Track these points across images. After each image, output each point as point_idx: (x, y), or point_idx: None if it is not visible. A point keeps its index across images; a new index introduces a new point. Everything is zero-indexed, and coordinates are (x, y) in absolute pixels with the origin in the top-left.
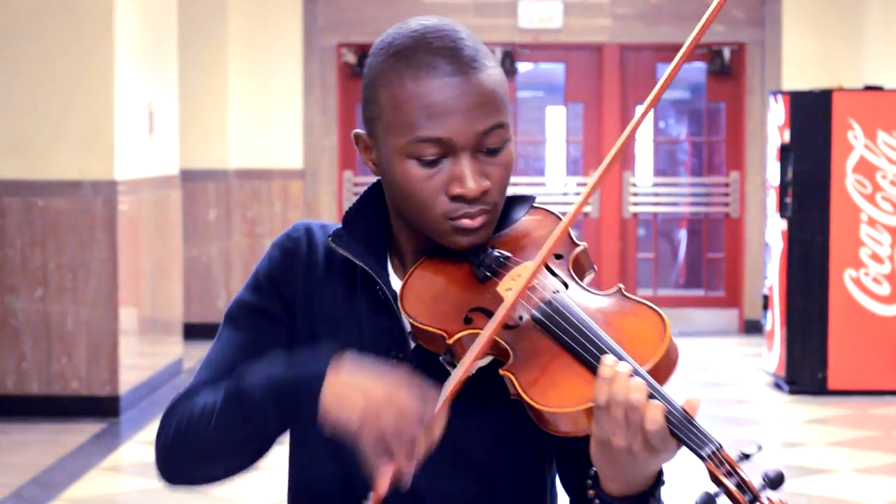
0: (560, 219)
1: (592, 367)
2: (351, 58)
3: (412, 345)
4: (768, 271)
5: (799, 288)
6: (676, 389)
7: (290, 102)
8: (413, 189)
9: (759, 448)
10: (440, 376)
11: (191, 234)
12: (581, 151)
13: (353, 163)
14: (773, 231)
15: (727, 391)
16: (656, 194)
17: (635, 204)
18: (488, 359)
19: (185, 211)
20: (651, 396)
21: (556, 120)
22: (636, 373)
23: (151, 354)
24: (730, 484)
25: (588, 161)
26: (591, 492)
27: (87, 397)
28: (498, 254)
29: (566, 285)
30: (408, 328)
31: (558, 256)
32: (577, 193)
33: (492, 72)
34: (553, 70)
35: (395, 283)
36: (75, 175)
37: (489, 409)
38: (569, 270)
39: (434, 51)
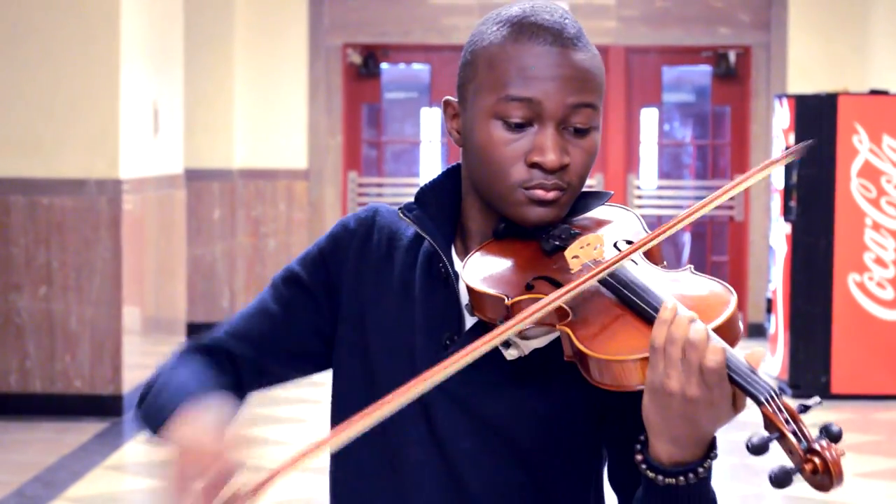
0: (635, 215)
1: (652, 322)
2: (356, 58)
3: (467, 325)
4: (772, 275)
5: (803, 292)
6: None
7: (294, 102)
8: (493, 152)
9: (819, 402)
10: (493, 362)
11: (195, 234)
12: None
13: (358, 163)
14: (777, 234)
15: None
16: (660, 197)
17: (639, 207)
18: (545, 340)
19: (189, 210)
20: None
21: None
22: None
23: (155, 354)
24: (786, 430)
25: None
26: (638, 456)
27: (90, 396)
28: (567, 226)
29: (636, 263)
30: (465, 300)
31: (629, 242)
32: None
33: (592, 56)
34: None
35: (458, 264)
36: (80, 174)
37: (541, 399)
38: (639, 254)
39: (540, 21)
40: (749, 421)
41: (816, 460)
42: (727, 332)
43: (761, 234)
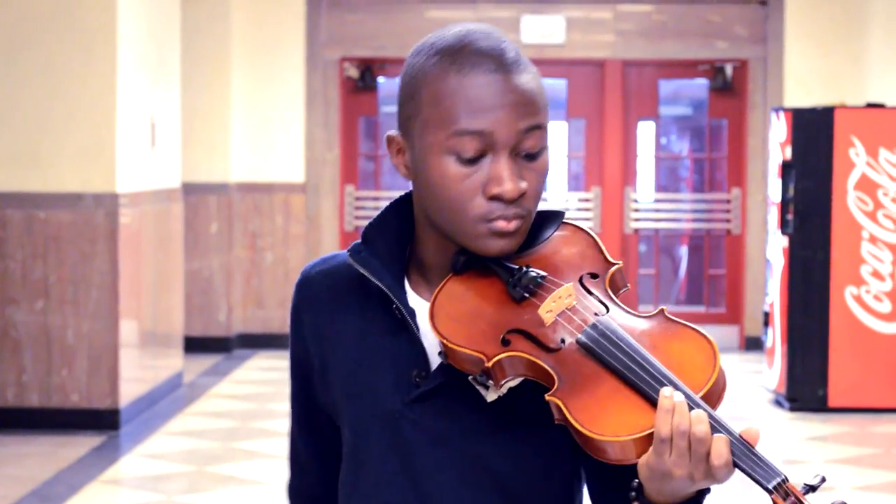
0: (591, 235)
1: (645, 395)
2: (353, 72)
3: (434, 364)
4: (769, 288)
5: (800, 305)
6: None
7: (292, 116)
8: (449, 188)
9: (823, 479)
10: (467, 393)
11: (192, 248)
12: (583, 167)
13: (355, 177)
14: (774, 248)
15: (728, 408)
16: (657, 210)
17: (636, 220)
18: (519, 379)
19: (186, 224)
20: (713, 428)
21: (558, 135)
22: (693, 402)
23: (152, 367)
24: None
25: (590, 177)
26: (634, 502)
27: (87, 410)
28: (535, 273)
29: (606, 307)
30: (429, 340)
31: (594, 276)
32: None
33: (533, 76)
34: (555, 85)
35: (414, 300)
36: (77, 187)
37: (520, 431)
38: (606, 290)
39: (479, 49)
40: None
41: None
42: (715, 392)
43: (758, 247)
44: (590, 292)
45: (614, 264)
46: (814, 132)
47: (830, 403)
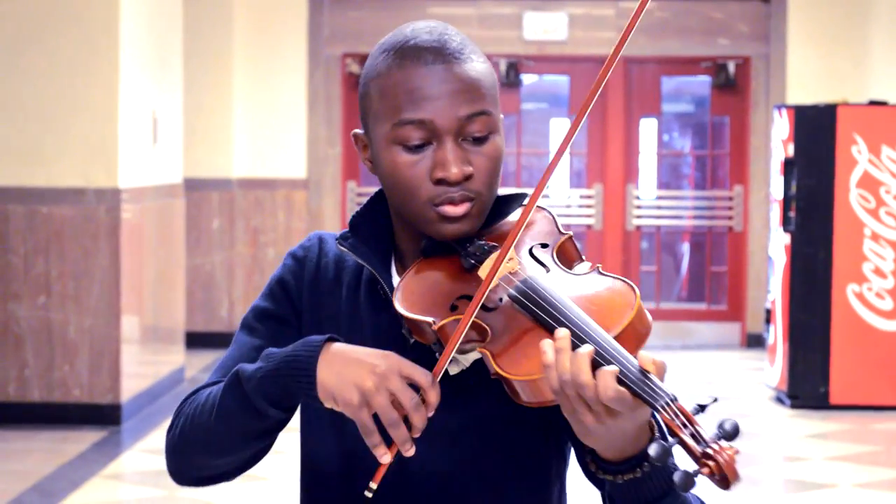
0: (548, 213)
1: None
2: (356, 68)
3: (411, 341)
4: (771, 285)
5: (801, 302)
6: (681, 400)
7: (294, 112)
8: (399, 176)
9: (715, 399)
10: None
11: (194, 243)
12: (585, 164)
13: (357, 173)
14: (776, 245)
15: (729, 405)
16: (659, 207)
17: (639, 217)
18: (479, 353)
19: (188, 220)
20: (603, 361)
21: (560, 132)
22: (581, 340)
23: (153, 363)
24: (684, 434)
25: (592, 173)
26: (591, 466)
27: (88, 405)
28: (482, 242)
29: (548, 269)
30: (404, 324)
31: (544, 245)
32: (583, 206)
33: (477, 65)
34: (557, 82)
35: (397, 282)
36: (79, 183)
37: (488, 406)
38: (553, 258)
39: (421, 43)
40: (745, 431)
41: (711, 463)
42: (632, 333)
43: (760, 244)
44: (536, 260)
45: (563, 235)
46: (816, 129)
47: (832, 401)
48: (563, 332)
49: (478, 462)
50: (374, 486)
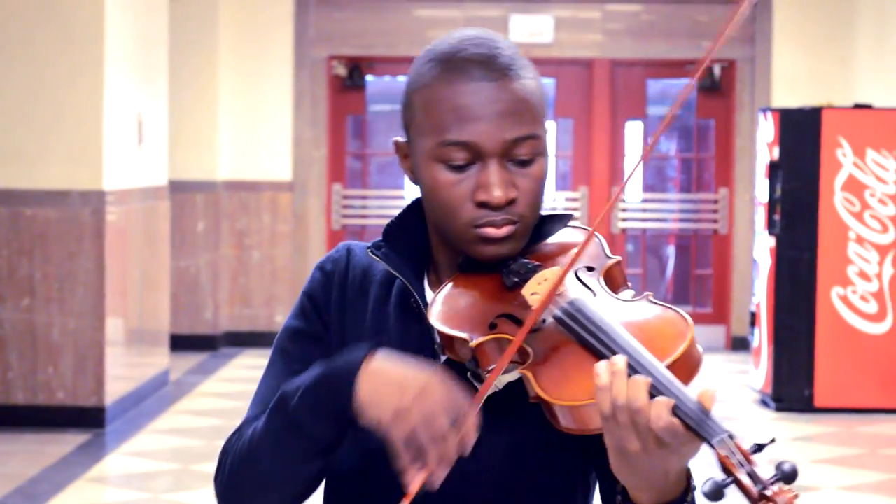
0: (594, 235)
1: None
2: (341, 70)
3: (442, 358)
4: (756, 288)
5: (786, 305)
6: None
7: (279, 114)
8: (440, 194)
9: (773, 440)
10: (467, 389)
11: (179, 245)
12: (570, 167)
13: (342, 175)
14: (761, 248)
15: (714, 408)
16: (645, 210)
17: (624, 220)
18: (517, 374)
19: (173, 222)
20: (658, 392)
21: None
22: (636, 369)
23: (138, 365)
24: (740, 473)
25: (577, 176)
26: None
27: (72, 408)
28: (526, 260)
29: (594, 293)
30: (437, 339)
31: (590, 269)
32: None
33: (527, 82)
34: (544, 84)
35: (430, 296)
36: (64, 185)
37: (515, 431)
38: (599, 282)
39: (470, 56)
40: None
41: (778, 500)
42: (683, 365)
43: (745, 247)
44: (582, 282)
45: (611, 259)
46: (801, 132)
47: (816, 403)
48: (620, 358)
49: (503, 487)
50: None
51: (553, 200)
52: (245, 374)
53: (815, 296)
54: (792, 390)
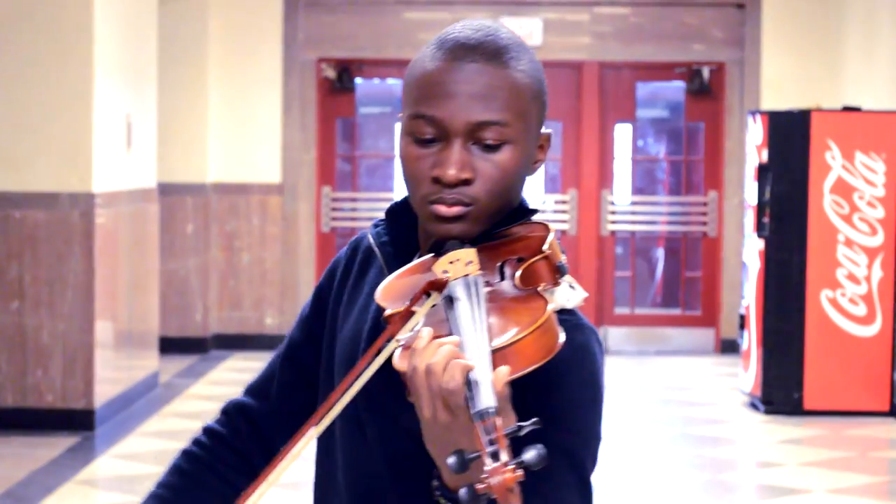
0: (547, 229)
1: None
2: (331, 73)
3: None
4: (745, 291)
5: (775, 308)
6: (652, 408)
7: (269, 117)
8: (407, 167)
9: (537, 423)
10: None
11: (168, 248)
12: (559, 169)
13: (332, 178)
14: (750, 251)
15: (703, 410)
16: (634, 213)
17: (613, 222)
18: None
19: (162, 224)
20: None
21: None
22: (466, 348)
23: (127, 368)
24: (485, 449)
25: (566, 179)
26: (434, 483)
27: (61, 410)
28: (458, 241)
29: (501, 279)
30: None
31: (521, 259)
32: (558, 211)
33: (514, 73)
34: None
35: None
36: (53, 187)
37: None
38: (517, 272)
39: (462, 38)
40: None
41: (490, 481)
42: (526, 349)
43: (734, 250)
44: (502, 270)
45: (542, 253)
46: (790, 135)
47: (806, 406)
48: (427, 329)
49: (399, 467)
50: None
51: (542, 203)
52: (235, 376)
53: (805, 298)
54: (781, 393)
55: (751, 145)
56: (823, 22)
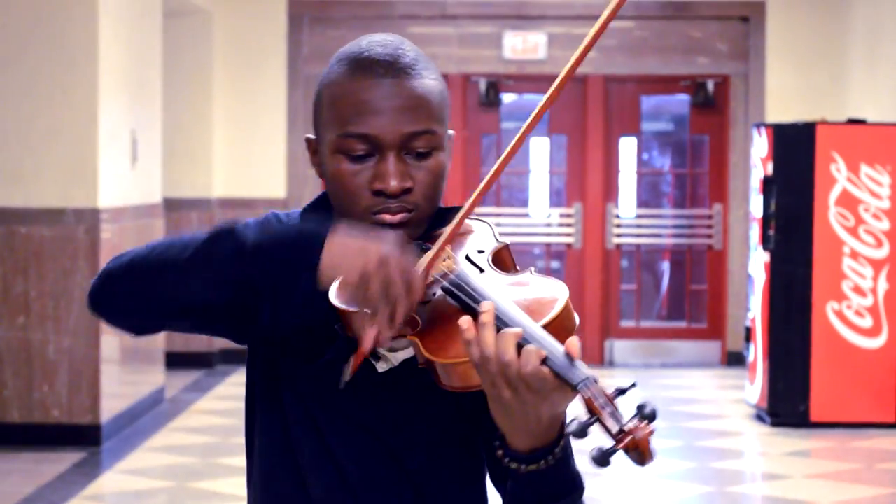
0: (486, 223)
1: None
2: None
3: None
4: (751, 303)
5: (781, 320)
6: (658, 420)
7: (273, 131)
8: (342, 183)
9: (633, 385)
10: (367, 370)
11: None
12: (564, 183)
13: None
14: (755, 263)
15: (709, 423)
16: (639, 226)
17: (618, 235)
18: (409, 351)
19: None
20: (528, 342)
21: (540, 151)
22: (507, 323)
23: (133, 383)
24: (603, 413)
25: (571, 192)
26: (499, 452)
27: (68, 426)
28: (419, 242)
29: (482, 270)
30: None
31: (481, 251)
32: (561, 225)
33: (427, 81)
34: (537, 101)
35: None
36: (58, 203)
37: (411, 404)
38: (488, 262)
39: (374, 56)
40: (726, 449)
41: (627, 439)
42: (559, 326)
43: (740, 262)
44: (472, 262)
45: (500, 242)
46: (795, 148)
47: (812, 418)
48: (487, 306)
49: (399, 455)
50: (347, 377)
51: (548, 216)
52: (240, 391)
53: (811, 311)
54: (787, 405)
55: (756, 158)
56: (828, 35)
